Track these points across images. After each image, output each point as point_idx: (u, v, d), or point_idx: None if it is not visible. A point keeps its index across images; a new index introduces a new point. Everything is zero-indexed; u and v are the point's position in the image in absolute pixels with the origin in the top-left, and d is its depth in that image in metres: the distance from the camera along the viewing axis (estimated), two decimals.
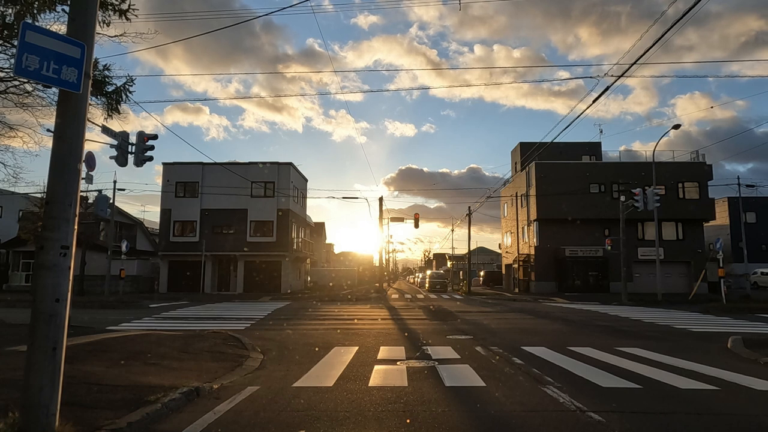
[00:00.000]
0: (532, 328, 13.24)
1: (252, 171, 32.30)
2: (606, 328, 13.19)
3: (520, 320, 15.59)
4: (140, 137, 14.94)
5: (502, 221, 45.78)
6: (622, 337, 11.34)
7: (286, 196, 32.70)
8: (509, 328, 13.12)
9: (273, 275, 32.54)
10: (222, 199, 32.49)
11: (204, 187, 32.80)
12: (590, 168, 35.37)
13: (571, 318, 16.38)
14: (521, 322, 15.02)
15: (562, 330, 12.82)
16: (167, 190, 32.74)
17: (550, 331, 12.61)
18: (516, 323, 14.55)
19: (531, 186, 35.94)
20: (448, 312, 18.73)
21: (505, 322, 14.78)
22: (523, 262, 37.35)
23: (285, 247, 32.45)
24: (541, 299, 28.61)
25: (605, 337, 11.11)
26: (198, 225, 32.68)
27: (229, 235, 32.68)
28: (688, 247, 34.34)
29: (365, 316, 17.04)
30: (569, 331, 12.64)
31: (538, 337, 10.96)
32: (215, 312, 18.42)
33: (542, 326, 13.70)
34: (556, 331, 12.63)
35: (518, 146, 40.49)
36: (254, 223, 32.67)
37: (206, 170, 33.12)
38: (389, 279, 66.86)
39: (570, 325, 13.92)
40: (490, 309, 20.65)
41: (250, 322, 14.40)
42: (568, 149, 37.76)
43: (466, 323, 14.46)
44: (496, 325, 13.74)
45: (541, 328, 13.24)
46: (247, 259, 32.77)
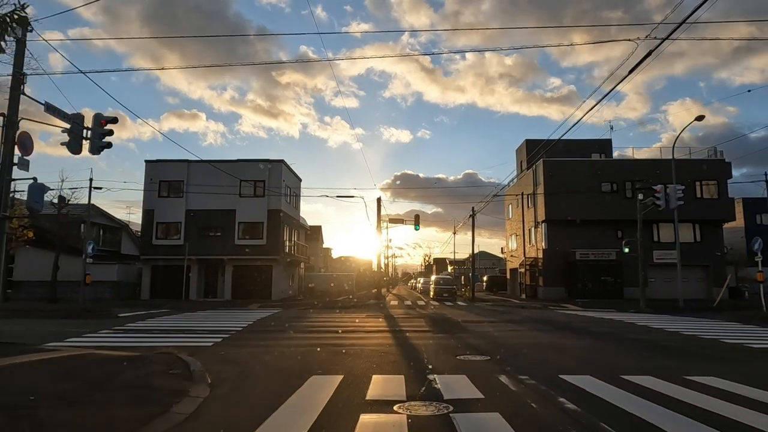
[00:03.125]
0: (558, 344, 11.05)
1: (241, 169, 30.17)
2: (646, 344, 11.00)
3: (539, 333, 13.39)
4: (97, 120, 12.90)
5: (506, 223, 43.62)
6: (673, 357, 9.17)
7: (277, 196, 30.54)
8: (530, 344, 10.93)
9: (263, 281, 30.33)
10: (209, 198, 30.31)
11: (189, 186, 30.64)
12: (602, 166, 33.26)
13: (596, 330, 14.19)
14: (541, 335, 12.83)
15: (596, 347, 10.64)
16: (150, 189, 30.57)
17: (581, 348, 10.42)
18: (536, 337, 12.36)
19: (538, 185, 33.81)
20: (453, 322, 16.54)
21: (522, 336, 12.59)
22: (529, 266, 35.18)
23: (276, 250, 30.26)
24: (551, 306, 26.44)
25: (655, 358, 8.93)
26: (183, 227, 30.50)
27: (216, 238, 30.49)
28: (706, 250, 32.16)
29: (359, 327, 14.84)
30: (605, 348, 10.45)
31: (572, 359, 8.79)
32: (190, 323, 16.22)
33: (568, 342, 11.51)
34: (588, 348, 10.45)
35: (524, 144, 38.38)
36: (243, 224, 30.49)
37: (192, 168, 30.97)
38: (388, 284, 64.63)
39: (601, 340, 11.73)
40: (500, 318, 18.45)
41: (223, 336, 12.21)
42: (576, 147, 35.64)
43: (477, 337, 12.27)
44: (514, 340, 11.55)
45: (568, 344, 11.05)
46: (236, 264, 30.56)
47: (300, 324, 15.85)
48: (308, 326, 15.11)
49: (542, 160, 33.01)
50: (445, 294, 33.47)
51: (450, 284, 36.13)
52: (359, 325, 15.40)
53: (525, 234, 37.52)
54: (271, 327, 14.87)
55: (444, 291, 33.82)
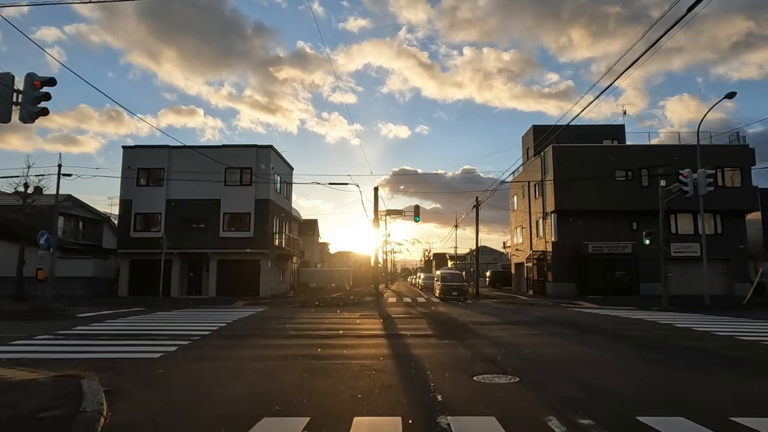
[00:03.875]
0: (599, 356, 8.74)
1: (226, 155, 27.81)
2: (710, 356, 8.70)
3: (566, 340, 11.09)
4: (29, 81, 10.68)
5: (511, 215, 41.32)
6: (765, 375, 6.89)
7: (265, 184, 28.20)
8: (563, 355, 8.65)
9: (251, 276, 28.02)
10: (191, 187, 27.95)
11: (171, 174, 28.28)
12: (615, 152, 30.91)
13: (633, 334, 11.90)
14: (571, 343, 10.52)
15: (650, 359, 8.34)
16: (128, 177, 28.20)
17: (634, 363, 8.12)
18: (565, 345, 10.07)
19: (547, 173, 31.48)
20: (460, 324, 14.25)
21: (548, 344, 10.30)
22: (537, 260, 32.91)
23: (265, 243, 27.95)
24: (563, 303, 24.17)
25: (744, 379, 6.65)
26: (163, 218, 28.15)
27: (199, 230, 28.16)
28: (728, 243, 29.85)
29: (350, 331, 12.54)
30: (663, 363, 8.15)
31: (635, 383, 6.49)
32: (154, 325, 13.91)
33: (611, 353, 9.21)
34: (641, 362, 8.15)
35: (530, 130, 36.02)
36: (228, 215, 28.15)
37: (173, 155, 28.60)
38: (387, 280, 62.40)
39: (650, 350, 9.42)
40: (512, 319, 16.16)
41: (181, 344, 9.92)
42: (586, 133, 33.30)
43: (492, 344, 9.99)
44: (540, 350, 9.27)
45: (612, 356, 8.74)
46: (221, 258, 28.25)
47: (281, 326, 13.55)
48: (290, 329, 12.81)
49: (551, 146, 30.67)
50: (454, 293, 27.39)
51: (460, 281, 29.24)
52: (351, 328, 13.11)
53: (532, 226, 35.22)
54: (245, 331, 12.58)
55: (453, 289, 27.61)
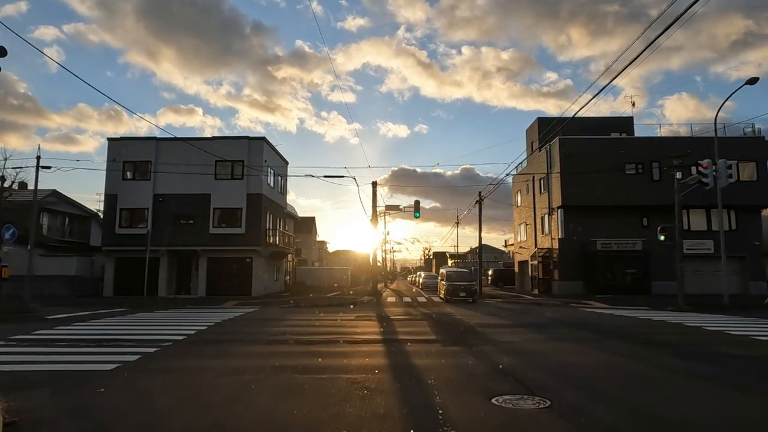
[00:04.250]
0: (641, 371, 7.34)
1: (216, 148, 26.40)
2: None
3: (592, 347, 9.70)
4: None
5: (514, 212, 39.94)
6: None
7: (258, 177, 26.79)
8: (593, 366, 7.28)
9: (242, 274, 26.63)
10: (180, 181, 26.55)
11: (158, 166, 26.86)
12: (625, 144, 29.52)
13: (664, 339, 10.52)
14: (599, 352, 9.13)
15: (704, 374, 6.96)
16: (114, 169, 26.77)
17: (682, 376, 6.74)
18: (593, 355, 8.69)
19: (553, 167, 30.11)
20: (466, 327, 12.87)
21: (572, 351, 8.93)
22: (542, 258, 31.54)
23: (257, 240, 26.55)
24: (572, 303, 22.81)
25: None
26: (150, 213, 26.74)
27: (188, 226, 26.75)
28: (743, 240, 28.50)
29: (343, 335, 11.15)
30: (722, 378, 6.77)
31: (701, 410, 5.11)
32: (128, 328, 12.52)
33: (650, 364, 7.82)
34: (692, 376, 6.77)
35: (535, 122, 34.63)
36: (219, 210, 26.75)
37: (161, 147, 27.19)
38: (386, 279, 61.01)
39: (698, 361, 8.05)
40: (522, 321, 14.78)
41: (147, 351, 8.54)
42: (593, 126, 31.92)
43: (507, 352, 8.61)
44: (566, 359, 7.89)
45: (656, 372, 7.32)
46: (211, 255, 26.85)
47: (268, 330, 12.16)
48: (277, 333, 11.42)
49: (558, 138, 29.30)
50: (462, 293, 24.01)
51: (468, 279, 25.48)
52: (345, 332, 11.72)
53: (537, 222, 33.85)
54: (226, 335, 11.19)
55: (461, 289, 24.09)
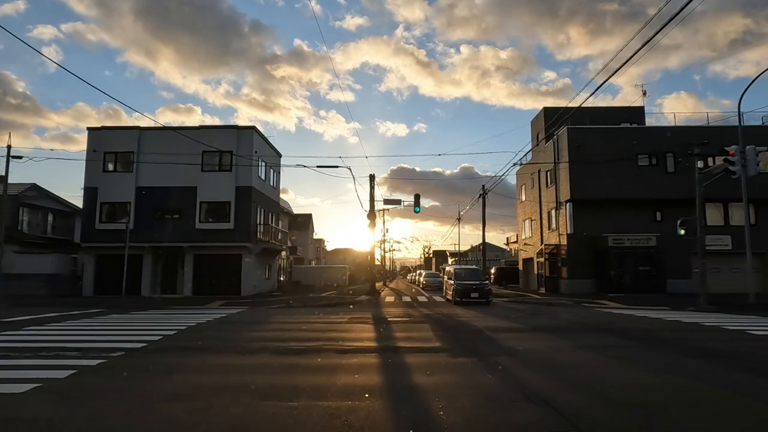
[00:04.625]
0: (721, 397, 5.70)
1: (203, 137, 24.72)
2: None
3: (632, 359, 8.04)
4: None
5: (518, 207, 38.27)
6: None
7: (247, 169, 25.10)
8: (648, 387, 5.63)
9: (231, 272, 24.97)
10: (164, 173, 24.91)
11: (142, 158, 25.19)
12: (637, 134, 27.84)
13: (713, 347, 8.87)
14: (643, 365, 7.47)
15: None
16: (93, 160, 25.07)
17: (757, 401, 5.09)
18: (640, 369, 7.03)
19: (561, 158, 28.45)
20: (475, 332, 11.21)
21: (609, 366, 7.27)
22: (549, 255, 29.88)
23: (246, 235, 24.88)
24: (584, 303, 21.20)
25: None
26: (133, 208, 25.06)
27: (173, 221, 25.08)
28: (764, 235, 26.85)
29: (332, 342, 9.49)
30: None
31: None
32: (85, 334, 10.87)
33: (720, 384, 6.16)
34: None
35: (541, 113, 32.95)
36: (206, 204, 25.06)
37: (144, 137, 25.51)
38: (385, 278, 59.35)
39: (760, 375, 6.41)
40: (537, 324, 13.12)
41: (91, 363, 6.90)
42: (603, 117, 30.27)
43: (531, 365, 6.96)
44: (608, 377, 6.24)
45: (708, 394, 5.69)
46: (198, 252, 25.18)
47: (247, 335, 10.50)
48: (256, 340, 9.77)
49: (566, 128, 27.64)
50: (474, 294, 20.28)
51: (480, 278, 21.95)
52: (334, 338, 10.07)
53: (543, 218, 32.19)
54: (196, 341, 9.54)
55: (472, 289, 20.41)
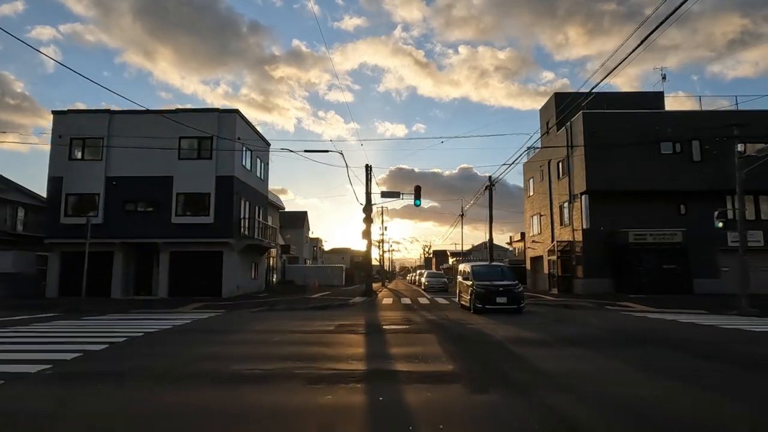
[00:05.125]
0: None
1: (180, 121, 22.26)
2: None
3: (738, 391, 5.58)
4: None
5: (525, 202, 35.82)
6: None
7: (229, 157, 22.62)
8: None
9: (211, 271, 22.50)
10: (137, 162, 22.46)
11: (112, 143, 22.72)
12: (659, 119, 25.39)
13: None
14: (761, 402, 5.01)
15: None
16: (59, 144, 22.60)
17: None
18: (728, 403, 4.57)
19: (575, 147, 26.01)
20: (493, 345, 8.73)
21: (709, 405, 4.80)
22: (562, 252, 27.42)
23: (228, 230, 22.41)
24: (607, 305, 18.74)
25: None
26: (102, 200, 22.58)
27: (147, 215, 22.61)
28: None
29: (305, 364, 6.99)
30: None
31: None
32: (5, 344, 8.41)
33: None
34: None
35: (552, 99, 30.48)
36: (183, 196, 22.57)
37: (115, 122, 23.04)
38: (384, 278, 56.86)
39: None
40: (567, 332, 10.65)
41: None
42: (619, 103, 27.86)
43: (594, 405, 4.49)
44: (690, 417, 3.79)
45: None
46: (174, 249, 22.70)
47: (197, 350, 8.03)
48: (205, 358, 7.30)
49: (581, 113, 25.21)
50: (501, 299, 15.29)
51: (509, 278, 16.49)
52: (310, 354, 7.60)
53: (554, 212, 29.74)
54: (121, 362, 7.08)
55: (498, 293, 15.36)
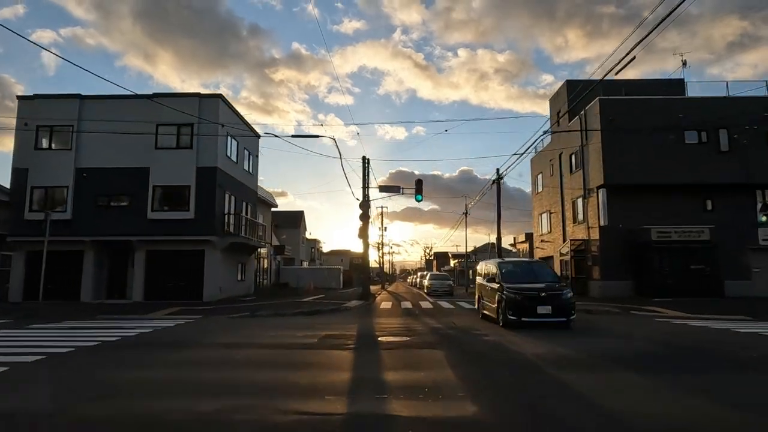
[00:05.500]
0: None
1: (158, 109, 20.18)
2: None
3: None
4: None
5: (533, 199, 33.69)
6: None
7: (212, 146, 20.50)
8: None
9: (191, 272, 20.35)
10: (110, 151, 20.40)
11: (83, 131, 20.62)
12: (684, 105, 23.25)
13: None
14: None
15: None
16: (23, 130, 20.48)
17: None
18: None
19: (591, 136, 23.88)
20: (527, 368, 6.57)
21: None
22: (575, 252, 25.25)
23: (210, 227, 20.26)
24: (633, 310, 16.56)
25: None
26: (71, 193, 20.46)
27: (121, 210, 20.49)
28: None
29: (262, 398, 4.84)
30: None
31: None
32: None
33: None
34: None
35: (563, 86, 28.32)
36: (160, 189, 20.43)
37: (86, 108, 20.93)
38: (384, 281, 54.68)
39: None
40: (618, 349, 8.49)
41: None
42: (636, 90, 25.73)
43: None
44: None
45: None
46: (151, 248, 20.56)
47: (120, 379, 5.88)
48: (123, 390, 5.16)
49: (597, 99, 23.08)
50: (543, 310, 11.02)
51: (553, 279, 12.49)
52: (273, 383, 5.45)
53: (565, 209, 27.60)
54: (72, 376, 4.93)
55: (539, 300, 11.13)
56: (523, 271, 12.80)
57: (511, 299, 11.31)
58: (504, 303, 11.47)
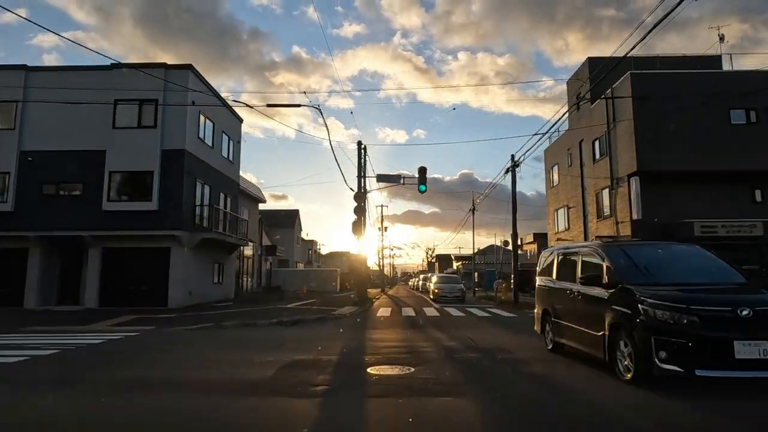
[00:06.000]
0: None
1: (116, 81, 17.16)
2: None
3: None
4: None
5: (547, 194, 30.58)
6: None
7: (179, 124, 17.44)
8: None
9: (155, 273, 17.26)
10: (60, 132, 17.39)
11: (29, 110, 17.61)
12: (728, 80, 20.16)
13: None
14: None
15: None
16: None
17: None
18: None
19: (621, 117, 20.77)
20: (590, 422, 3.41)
21: None
22: None
23: (177, 220, 17.17)
24: None
25: None
26: (13, 180, 17.40)
27: (72, 200, 17.43)
28: None
29: None
30: None
31: None
32: None
33: None
34: None
35: (585, 64, 25.07)
36: (117, 175, 17.35)
37: (33, 80, 17.89)
38: (384, 284, 51.57)
39: None
40: None
41: None
42: (667, 66, 22.61)
43: None
44: None
45: None
46: (107, 245, 17.47)
47: None
48: None
49: (629, 74, 19.98)
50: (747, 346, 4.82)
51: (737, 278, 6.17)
52: None
53: (587, 203, 24.47)
54: None
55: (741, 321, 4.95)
56: (663, 264, 6.46)
57: (662, 324, 5.17)
58: (642, 333, 5.27)
